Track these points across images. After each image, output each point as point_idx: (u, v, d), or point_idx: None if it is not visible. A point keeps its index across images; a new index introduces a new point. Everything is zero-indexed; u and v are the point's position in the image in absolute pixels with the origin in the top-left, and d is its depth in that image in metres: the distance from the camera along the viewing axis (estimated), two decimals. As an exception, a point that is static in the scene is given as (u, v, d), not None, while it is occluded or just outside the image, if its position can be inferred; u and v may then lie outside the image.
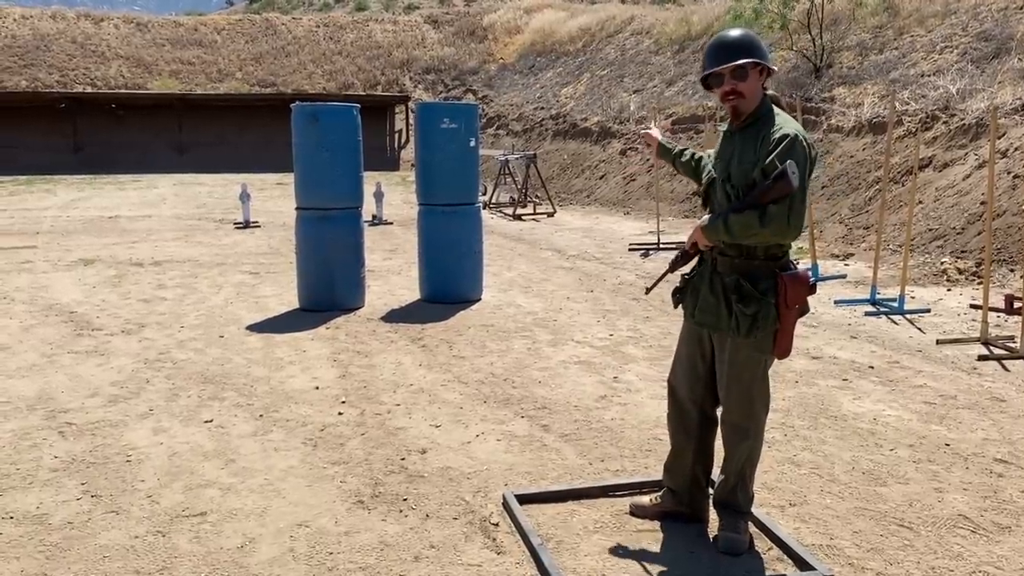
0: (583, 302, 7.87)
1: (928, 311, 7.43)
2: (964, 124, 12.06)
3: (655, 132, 3.56)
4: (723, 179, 3.00)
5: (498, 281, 8.91)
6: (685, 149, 3.44)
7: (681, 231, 13.53)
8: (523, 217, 15.65)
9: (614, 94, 25.16)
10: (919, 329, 6.82)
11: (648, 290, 3.39)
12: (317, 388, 5.18)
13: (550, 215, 15.97)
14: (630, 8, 37.04)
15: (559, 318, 7.14)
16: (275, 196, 20.30)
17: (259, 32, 39.02)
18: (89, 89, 33.75)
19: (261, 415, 4.67)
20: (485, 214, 17.11)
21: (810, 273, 3.38)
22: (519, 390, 5.11)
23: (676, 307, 3.22)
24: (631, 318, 7.16)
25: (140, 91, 33.86)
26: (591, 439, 4.29)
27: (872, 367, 5.68)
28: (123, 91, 33.63)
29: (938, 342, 6.33)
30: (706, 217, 3.00)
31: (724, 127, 3.13)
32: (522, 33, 36.57)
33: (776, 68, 3.06)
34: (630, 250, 11.35)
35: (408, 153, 33.14)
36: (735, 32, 3.02)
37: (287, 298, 7.92)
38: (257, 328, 6.83)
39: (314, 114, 7.25)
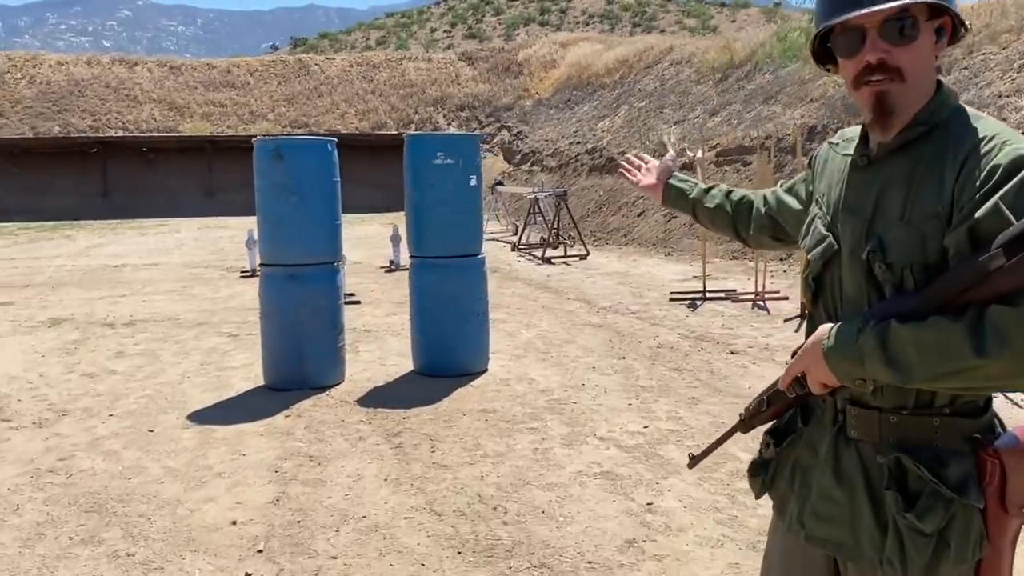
0: (612, 373, 6.38)
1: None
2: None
3: (658, 162, 2.14)
4: (859, 250, 1.51)
5: (512, 344, 7.46)
6: (713, 187, 2.06)
7: (731, 275, 11.98)
8: (553, 260, 14.22)
9: (653, 126, 23.79)
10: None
11: (694, 461, 1.86)
12: (234, 523, 3.76)
13: (582, 257, 14.52)
14: (668, 38, 35.78)
15: (580, 399, 5.67)
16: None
17: (292, 73, 38.52)
18: (121, 133, 33.36)
19: None
20: (512, 256, 15.82)
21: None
22: (512, 529, 3.64)
23: (759, 496, 1.75)
24: (672, 399, 5.66)
25: (170, 134, 33.36)
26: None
27: None
28: (153, 134, 33.17)
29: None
30: (824, 328, 1.48)
31: (839, 147, 1.69)
32: (557, 67, 35.45)
33: (969, 26, 1.58)
34: (671, 300, 9.83)
35: (441, 192, 32.07)
36: None
37: (257, 370, 6.57)
38: (201, 417, 5.47)
39: (277, 150, 5.93)
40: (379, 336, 7.96)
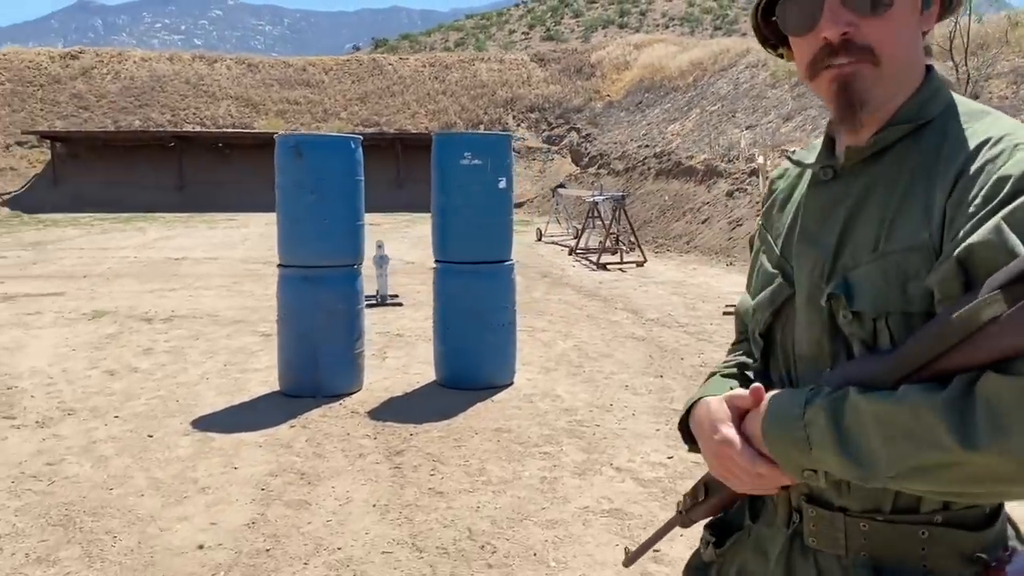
0: (645, 393, 5.93)
1: None
2: None
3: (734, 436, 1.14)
4: (818, 294, 1.10)
5: (545, 356, 7.07)
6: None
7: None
8: (608, 266, 13.75)
9: (724, 130, 23.06)
10: None
11: (630, 559, 1.41)
12: (201, 548, 3.48)
13: (639, 264, 14.00)
14: (746, 40, 34.78)
15: (604, 421, 5.24)
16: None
17: (366, 72, 38.80)
18: (198, 128, 34.07)
19: (80, 603, 3.01)
20: (568, 260, 15.38)
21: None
22: (496, 573, 3.26)
23: None
24: (705, 425, 5.19)
25: (245, 130, 33.89)
26: None
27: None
28: (229, 130, 33.75)
29: None
30: (770, 397, 1.07)
31: (799, 159, 1.23)
32: (630, 69, 34.85)
33: None
34: (725, 314, 9.29)
35: (507, 193, 31.83)
36: None
37: (276, 375, 6.33)
38: (205, 423, 5.24)
39: (297, 146, 5.67)
40: (410, 342, 7.66)
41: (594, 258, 14.40)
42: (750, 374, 1.25)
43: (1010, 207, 0.92)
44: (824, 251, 1.10)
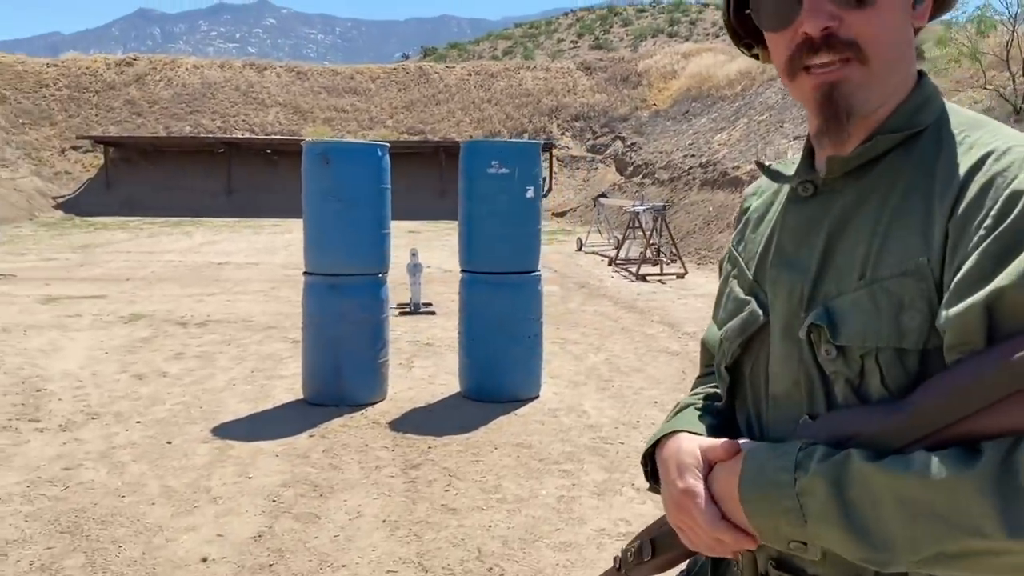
0: (675, 410, 5.76)
1: None
2: None
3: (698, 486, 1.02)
4: (796, 325, 0.96)
5: (574, 369, 6.93)
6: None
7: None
8: (648, 277, 13.54)
9: (771, 140, 22.68)
10: None
11: None
12: (204, 560, 3.42)
13: (680, 276, 13.77)
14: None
15: (629, 439, 5.09)
16: (399, 244, 18.93)
17: (412, 81, 39.04)
18: (247, 134, 34.58)
19: (76, 615, 2.96)
20: (607, 271, 15.19)
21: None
22: (500, 596, 3.14)
23: None
24: (733, 445, 5.01)
25: (292, 137, 34.31)
26: None
27: None
28: (277, 137, 34.19)
29: None
30: (747, 453, 0.92)
31: (775, 173, 1.07)
32: (678, 78, 34.52)
33: None
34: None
35: (550, 201, 31.73)
36: None
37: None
38: (225, 430, 5.20)
39: (324, 153, 5.63)
40: (438, 351, 7.58)
41: (634, 269, 14.21)
42: (720, 405, 1.11)
43: None
44: (803, 275, 0.97)
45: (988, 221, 0.82)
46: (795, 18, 0.92)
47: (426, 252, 15.00)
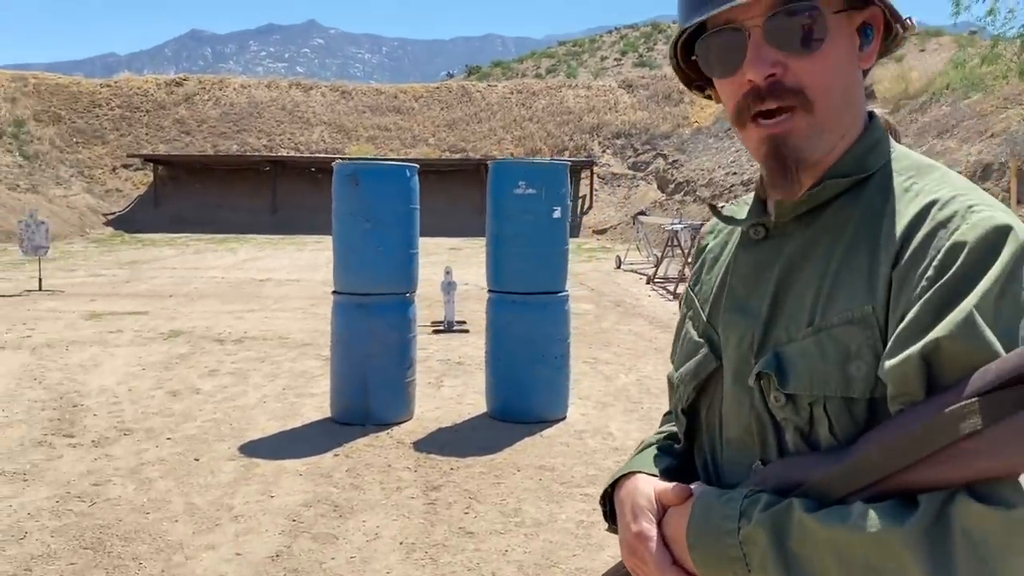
0: (703, 434, 5.69)
1: None
2: None
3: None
4: (747, 371, 0.95)
5: (604, 390, 6.89)
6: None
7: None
8: (686, 298, 13.39)
9: (814, 158, 22.44)
10: None
11: None
12: (220, 579, 3.45)
13: (718, 296, 13.62)
14: (842, 66, 33.89)
15: (654, 463, 5.04)
16: (439, 261, 19.05)
17: (455, 99, 39.37)
18: (292, 153, 35.15)
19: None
20: (645, 290, 15.11)
21: None
22: (510, 622, 3.12)
23: None
24: (761, 470, 4.93)
25: (336, 156, 34.78)
26: None
27: None
28: (321, 155, 34.69)
29: None
30: (696, 498, 0.92)
31: (728, 215, 1.06)
32: (720, 95, 34.30)
33: (912, 25, 0.97)
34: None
35: (591, 219, 31.72)
36: None
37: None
38: (252, 448, 5.26)
39: (354, 174, 5.70)
40: (469, 370, 7.59)
41: (671, 287, 14.10)
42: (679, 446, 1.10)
43: (979, 291, 0.79)
44: (754, 321, 0.96)
45: (930, 272, 0.82)
46: (740, 65, 0.92)
47: (465, 269, 15.08)
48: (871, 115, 0.99)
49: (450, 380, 7.20)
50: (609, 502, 1.09)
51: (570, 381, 6.09)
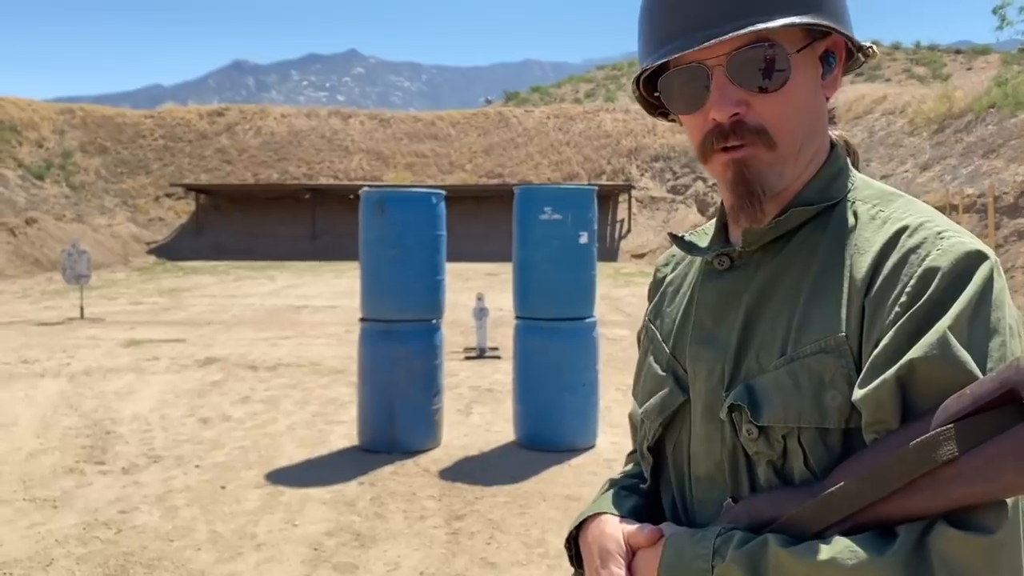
0: (735, 462, 5.57)
1: None
2: None
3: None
4: (717, 405, 0.93)
5: (635, 418, 6.79)
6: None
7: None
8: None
9: (854, 180, 22.20)
10: None
11: None
12: (238, 609, 3.43)
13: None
14: (882, 87, 33.49)
15: (683, 492, 4.93)
16: (474, 286, 19.14)
17: (492, 125, 39.64)
18: (331, 181, 35.59)
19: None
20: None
21: None
22: (528, 658, 3.05)
23: None
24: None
25: (374, 183, 35.15)
26: None
27: None
28: (360, 182, 35.06)
29: None
30: (667, 539, 0.89)
31: (688, 245, 1.03)
32: (758, 117, 34.13)
33: (872, 49, 0.95)
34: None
35: (628, 243, 31.60)
36: None
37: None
38: (279, 476, 5.26)
39: (381, 202, 5.72)
40: (498, 397, 7.54)
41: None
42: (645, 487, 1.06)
43: (952, 312, 0.77)
44: (723, 353, 0.94)
45: (903, 299, 0.81)
46: (704, 104, 0.91)
47: (499, 295, 15.05)
48: (833, 144, 0.98)
49: (479, 407, 7.16)
50: (574, 544, 1.05)
51: (600, 408, 6.01)
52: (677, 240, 1.04)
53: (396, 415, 5.65)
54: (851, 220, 0.90)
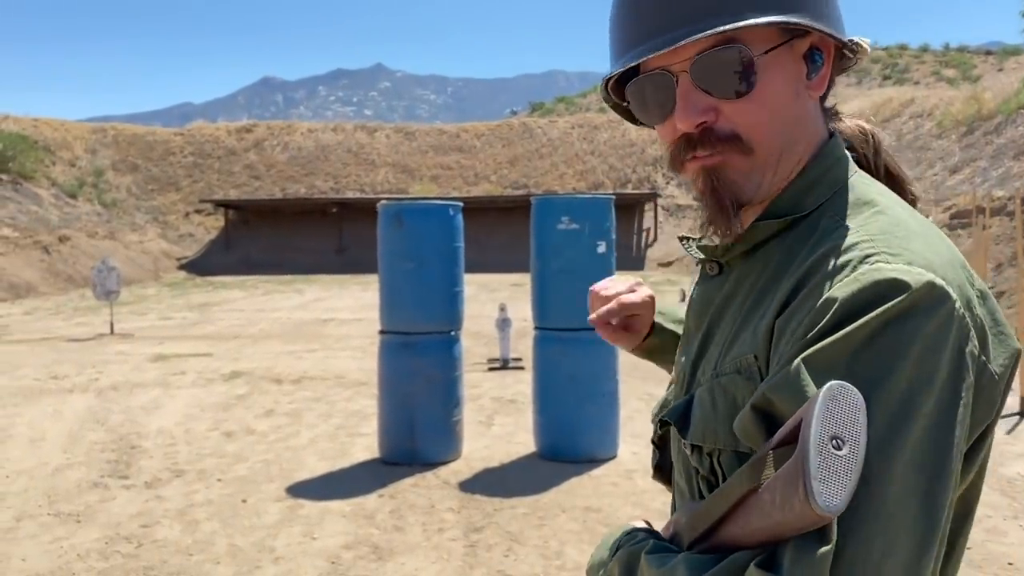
0: (758, 472, 5.49)
1: None
2: None
3: (633, 297, 1.25)
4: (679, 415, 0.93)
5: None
6: None
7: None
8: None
9: (882, 185, 21.93)
10: None
11: None
12: (254, 623, 3.44)
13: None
14: (910, 90, 33.13)
15: (704, 503, 4.88)
16: (499, 297, 19.12)
17: (516, 136, 39.74)
18: (358, 194, 35.84)
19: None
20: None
21: None
22: (542, 672, 3.02)
23: None
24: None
25: (401, 196, 35.33)
26: None
27: None
28: (386, 196, 35.27)
29: None
30: (610, 532, 0.94)
31: (707, 245, 0.98)
32: (784, 123, 33.89)
33: (865, 48, 0.89)
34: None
35: (655, 252, 31.46)
36: None
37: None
38: (299, 489, 5.27)
39: (398, 215, 5.74)
40: (520, 408, 7.51)
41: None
42: None
43: (820, 344, 0.72)
44: (689, 359, 0.94)
45: (800, 328, 0.76)
46: (669, 113, 0.87)
47: (524, 305, 14.98)
48: (827, 140, 0.91)
49: (501, 418, 7.14)
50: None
51: (621, 418, 5.97)
52: (685, 243, 1.03)
53: (416, 427, 5.65)
54: (809, 234, 0.84)
